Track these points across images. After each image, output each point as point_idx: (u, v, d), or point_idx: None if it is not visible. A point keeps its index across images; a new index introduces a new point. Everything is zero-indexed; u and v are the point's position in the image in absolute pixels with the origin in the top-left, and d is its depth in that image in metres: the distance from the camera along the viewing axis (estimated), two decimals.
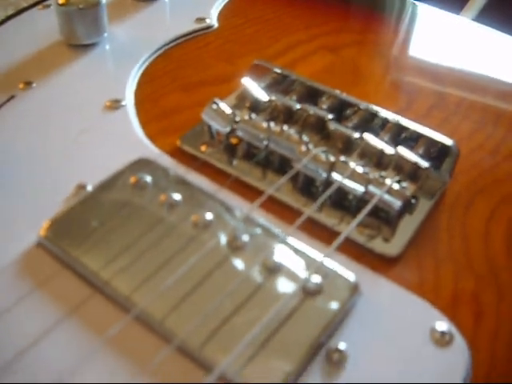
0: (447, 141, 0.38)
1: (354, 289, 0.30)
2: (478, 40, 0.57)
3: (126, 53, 0.49)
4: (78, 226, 0.32)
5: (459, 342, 0.29)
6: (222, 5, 0.58)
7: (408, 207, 0.36)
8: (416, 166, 0.37)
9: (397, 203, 0.34)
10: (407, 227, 0.35)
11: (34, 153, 0.38)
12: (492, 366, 0.29)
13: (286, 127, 0.38)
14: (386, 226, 0.35)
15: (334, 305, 0.29)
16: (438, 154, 0.39)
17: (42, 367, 0.26)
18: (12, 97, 0.42)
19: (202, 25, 0.54)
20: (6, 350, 0.27)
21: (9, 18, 0.54)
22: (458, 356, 0.29)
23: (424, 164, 0.37)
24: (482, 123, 0.45)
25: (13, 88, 0.44)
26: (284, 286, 0.30)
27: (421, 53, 0.55)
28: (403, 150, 0.37)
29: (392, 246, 0.34)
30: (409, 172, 0.37)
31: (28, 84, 0.44)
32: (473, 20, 0.69)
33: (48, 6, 0.55)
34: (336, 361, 0.28)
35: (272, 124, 0.38)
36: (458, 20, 0.60)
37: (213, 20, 0.55)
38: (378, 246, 0.34)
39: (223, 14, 0.57)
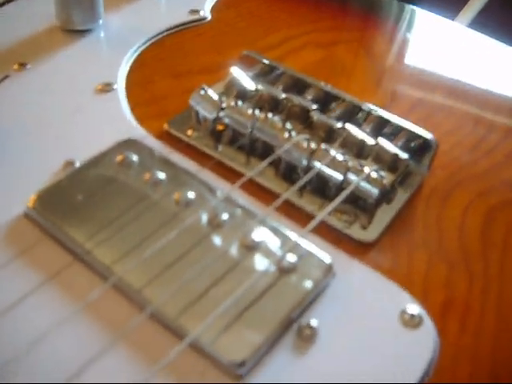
0: (427, 134, 0.39)
1: (328, 269, 0.31)
2: (468, 45, 0.58)
3: (119, 40, 0.50)
4: (65, 199, 0.33)
5: (428, 325, 0.30)
6: None
7: (386, 196, 0.37)
8: (395, 156, 0.38)
9: (374, 191, 0.36)
10: (384, 215, 0.36)
11: (26, 130, 0.39)
12: (458, 350, 0.30)
13: (270, 115, 0.39)
14: (364, 213, 0.36)
15: (308, 283, 0.30)
16: (417, 147, 0.40)
17: (20, 329, 0.28)
18: (6, 77, 0.43)
19: (196, 16, 0.55)
20: None
21: (8, 1, 0.55)
22: (426, 338, 0.30)
23: (403, 155, 0.38)
24: (463, 122, 0.46)
25: (7, 68, 0.45)
26: (260, 262, 0.31)
27: (409, 54, 0.56)
28: (384, 141, 0.38)
29: (368, 233, 0.35)
30: (388, 163, 0.38)
31: (22, 65, 0.45)
32: (467, 26, 0.70)
33: None
34: (307, 336, 0.29)
35: (257, 111, 0.39)
36: (450, 25, 0.62)
37: (206, 12, 0.56)
38: (355, 232, 0.35)
39: (217, 7, 0.57)
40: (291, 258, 0.31)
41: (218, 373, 0.27)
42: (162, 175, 0.35)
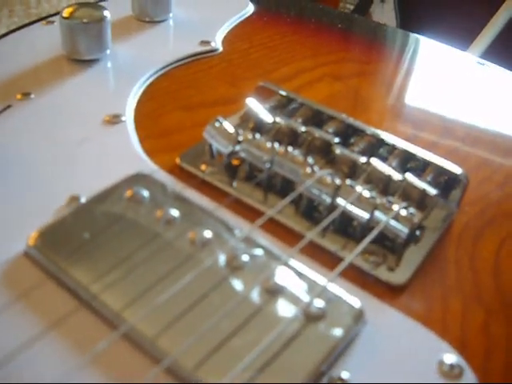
0: (456, 169, 0.37)
1: (359, 316, 0.28)
2: (480, 76, 0.56)
3: (128, 70, 0.48)
4: (69, 238, 0.30)
5: (469, 377, 0.27)
6: (228, 30, 0.57)
7: (413, 236, 0.34)
8: (424, 193, 0.35)
9: (404, 230, 0.33)
10: (414, 256, 0.33)
11: (28, 162, 0.37)
12: None
13: (290, 149, 0.36)
14: (392, 253, 0.33)
15: (337, 331, 0.27)
16: (445, 183, 0.37)
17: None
18: (8, 106, 0.41)
19: (207, 48, 0.53)
20: None
21: (12, 31, 0.53)
22: None
23: (432, 191, 0.35)
24: (490, 156, 0.44)
25: (10, 98, 0.42)
26: (285, 309, 0.28)
27: (426, 86, 0.54)
28: (411, 177, 0.36)
29: (398, 275, 0.32)
30: (416, 199, 0.35)
31: (26, 95, 0.43)
32: (479, 57, 0.68)
33: (52, 22, 0.54)
34: None
35: (276, 145, 0.37)
36: (462, 56, 0.60)
37: (217, 44, 0.54)
38: (384, 274, 0.32)
39: (228, 38, 0.56)
40: (318, 303, 0.28)
41: None
42: (175, 212, 0.32)
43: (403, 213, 0.33)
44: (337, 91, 0.50)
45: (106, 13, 0.47)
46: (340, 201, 0.34)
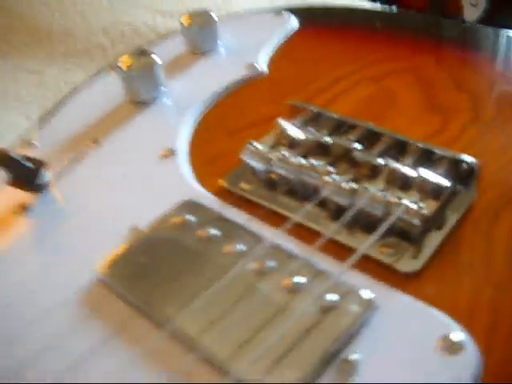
0: (468, 159, 0.40)
1: (369, 304, 0.33)
2: None
3: (181, 103, 0.54)
4: (133, 266, 0.38)
5: (472, 352, 0.30)
6: (273, 50, 0.61)
7: (434, 224, 0.38)
8: (437, 186, 0.39)
9: (415, 221, 0.37)
10: (430, 244, 0.37)
11: (97, 200, 0.45)
12: (507, 376, 0.30)
13: (313, 161, 0.42)
14: (413, 244, 0.37)
15: (348, 319, 0.32)
16: (462, 171, 0.41)
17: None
18: (79, 153, 0.49)
19: (252, 71, 0.57)
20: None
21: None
22: (470, 364, 0.30)
23: (445, 183, 0.39)
24: None
25: (81, 146, 0.51)
26: (301, 304, 0.33)
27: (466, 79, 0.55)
28: (425, 172, 0.40)
29: (413, 263, 0.36)
30: (432, 192, 0.39)
31: (95, 142, 0.51)
32: None
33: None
34: (348, 371, 0.30)
35: (302, 160, 0.42)
36: None
37: (262, 66, 0.58)
38: (400, 264, 0.36)
39: (273, 59, 0.59)
40: (333, 296, 0.33)
41: None
42: (215, 231, 0.39)
43: (413, 206, 0.37)
44: (370, 93, 0.52)
45: (155, 57, 0.54)
46: (357, 201, 0.38)
